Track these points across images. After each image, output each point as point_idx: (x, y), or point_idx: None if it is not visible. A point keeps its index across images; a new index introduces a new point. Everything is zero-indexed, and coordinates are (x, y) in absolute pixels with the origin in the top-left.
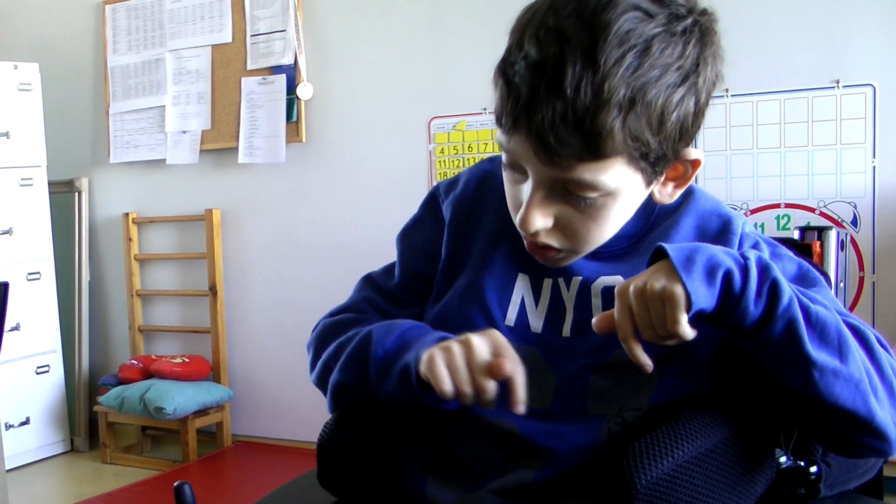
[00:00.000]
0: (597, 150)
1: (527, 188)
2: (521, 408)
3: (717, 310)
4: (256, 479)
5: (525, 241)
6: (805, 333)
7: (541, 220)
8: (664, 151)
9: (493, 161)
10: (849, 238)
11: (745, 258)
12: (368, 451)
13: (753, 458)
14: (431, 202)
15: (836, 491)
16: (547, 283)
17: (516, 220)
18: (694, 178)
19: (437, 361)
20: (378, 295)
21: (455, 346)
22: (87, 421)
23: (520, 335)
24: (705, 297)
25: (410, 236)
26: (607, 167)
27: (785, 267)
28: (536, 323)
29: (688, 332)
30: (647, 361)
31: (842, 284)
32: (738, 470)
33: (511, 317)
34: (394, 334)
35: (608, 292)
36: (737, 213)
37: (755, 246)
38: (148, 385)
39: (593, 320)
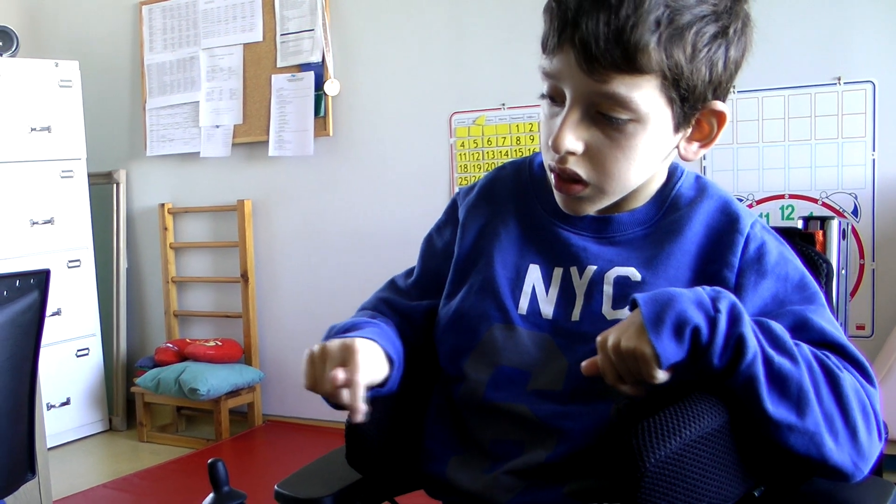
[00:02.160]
0: (633, 62)
1: (562, 115)
2: (358, 416)
3: (685, 360)
4: (286, 456)
5: (553, 179)
6: (764, 391)
7: (572, 141)
8: (695, 83)
9: (504, 168)
10: (850, 227)
11: (717, 311)
12: (394, 433)
13: (758, 437)
14: (452, 207)
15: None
16: (557, 272)
17: (549, 144)
18: (717, 137)
19: (304, 361)
20: (394, 294)
21: (316, 351)
22: (124, 401)
23: (532, 322)
24: (674, 353)
25: (433, 239)
26: (641, 85)
27: (788, 273)
28: (547, 309)
29: (661, 379)
30: (639, 393)
31: (843, 272)
32: (743, 448)
33: (523, 305)
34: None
35: (620, 281)
36: (747, 211)
37: (760, 247)
38: (183, 367)
39: (582, 364)
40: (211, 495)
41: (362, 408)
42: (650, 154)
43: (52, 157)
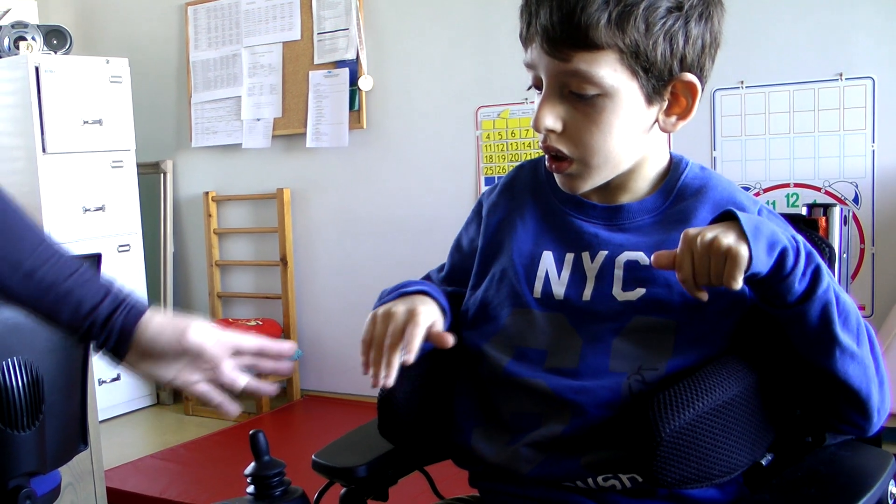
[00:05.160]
0: (586, 40)
1: (539, 98)
2: (410, 358)
3: (766, 278)
4: (322, 428)
5: (547, 161)
6: (836, 316)
7: (550, 119)
8: (655, 57)
9: (523, 166)
10: (851, 214)
11: (798, 241)
12: (423, 406)
13: (767, 409)
14: (477, 207)
15: (840, 440)
16: (569, 257)
17: (532, 124)
18: (694, 109)
19: (366, 326)
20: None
21: (380, 313)
22: None
23: (546, 304)
24: (763, 264)
25: (461, 237)
26: (601, 60)
27: None
28: (559, 291)
29: (739, 286)
30: (703, 296)
31: (845, 256)
32: (753, 419)
33: (538, 289)
34: (393, 294)
35: (630, 265)
36: (752, 199)
37: None
38: None
39: (653, 256)
40: (253, 464)
41: (393, 376)
42: (626, 127)
43: (103, 148)
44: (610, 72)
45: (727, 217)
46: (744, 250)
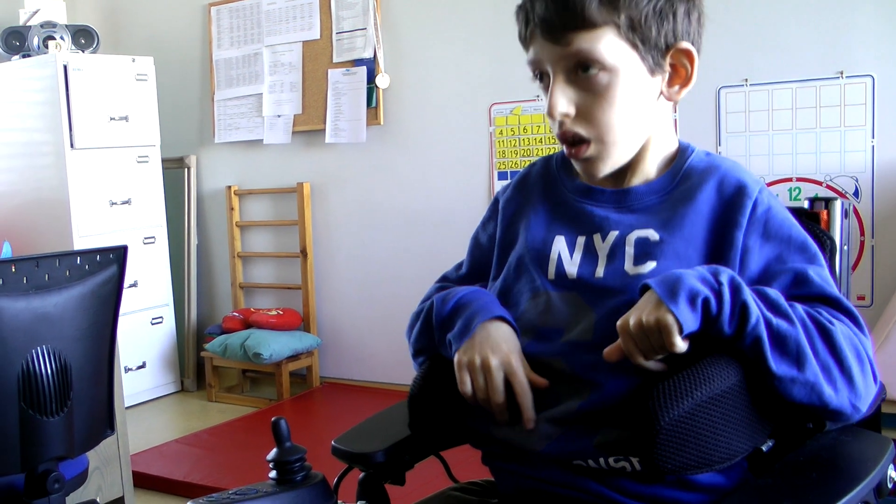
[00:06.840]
0: (583, 20)
1: (549, 87)
2: (530, 424)
3: (699, 329)
4: (341, 414)
5: (565, 149)
6: (767, 350)
7: (563, 104)
8: (649, 26)
9: (535, 164)
10: (851, 207)
11: (720, 283)
12: (448, 399)
13: (766, 397)
14: (493, 205)
15: (840, 425)
16: (581, 239)
17: (547, 114)
18: (694, 75)
19: (463, 376)
20: (448, 284)
21: (478, 364)
22: (195, 365)
23: (560, 284)
24: (692, 321)
25: (478, 234)
26: (599, 37)
27: (791, 235)
28: (572, 270)
29: (682, 348)
30: (660, 368)
31: (845, 248)
32: (752, 407)
33: (551, 271)
34: (449, 304)
35: (640, 241)
36: (754, 178)
37: (767, 211)
38: (247, 334)
39: (605, 351)
40: (275, 449)
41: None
42: (634, 99)
43: (129, 143)
44: (610, 47)
45: (647, 288)
46: (669, 318)
